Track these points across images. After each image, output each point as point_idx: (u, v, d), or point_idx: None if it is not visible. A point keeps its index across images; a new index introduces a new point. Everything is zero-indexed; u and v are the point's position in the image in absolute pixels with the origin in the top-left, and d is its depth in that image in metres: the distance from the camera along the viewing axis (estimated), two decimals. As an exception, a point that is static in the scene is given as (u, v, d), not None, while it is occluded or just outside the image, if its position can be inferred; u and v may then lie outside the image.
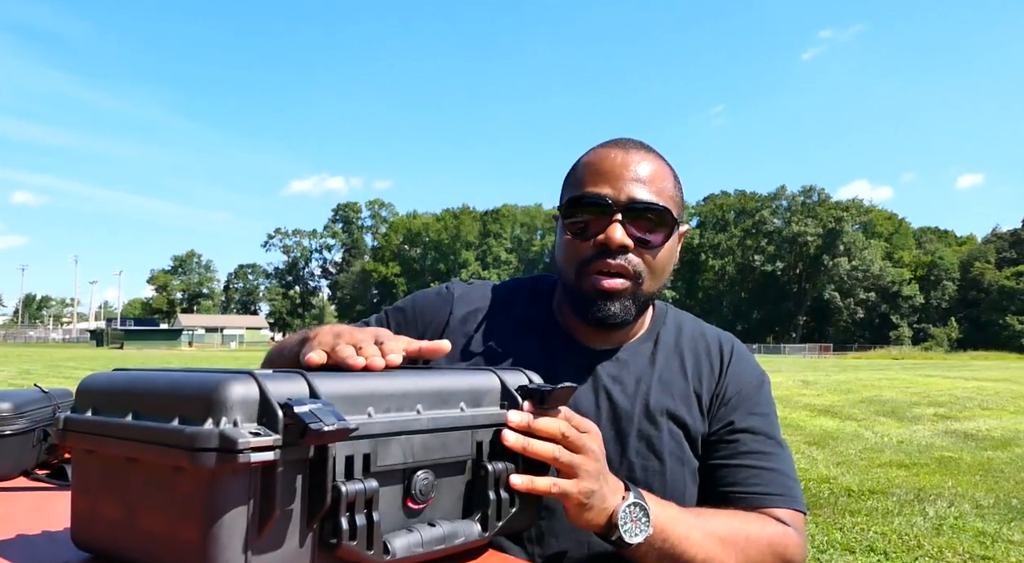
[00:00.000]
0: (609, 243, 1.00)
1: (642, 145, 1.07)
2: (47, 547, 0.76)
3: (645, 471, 1.02)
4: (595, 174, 1.03)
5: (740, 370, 1.11)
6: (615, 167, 1.02)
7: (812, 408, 10.46)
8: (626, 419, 1.04)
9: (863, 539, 4.09)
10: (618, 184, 1.01)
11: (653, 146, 1.09)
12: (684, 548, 0.89)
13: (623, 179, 1.01)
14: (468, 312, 1.12)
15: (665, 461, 1.02)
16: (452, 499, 0.75)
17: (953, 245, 79.43)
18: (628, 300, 1.02)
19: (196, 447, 0.56)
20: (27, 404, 1.18)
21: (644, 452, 1.03)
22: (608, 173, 1.02)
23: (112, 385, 0.69)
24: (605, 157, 1.04)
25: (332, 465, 0.61)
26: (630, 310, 1.03)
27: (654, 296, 1.08)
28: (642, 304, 1.05)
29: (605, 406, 1.05)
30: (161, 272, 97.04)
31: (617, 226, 1.00)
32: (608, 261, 1.00)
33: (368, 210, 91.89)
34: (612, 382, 1.06)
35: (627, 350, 1.10)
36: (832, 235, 68.27)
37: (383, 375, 0.71)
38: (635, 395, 1.06)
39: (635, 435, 1.03)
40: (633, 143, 1.07)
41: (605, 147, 1.07)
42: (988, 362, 36.88)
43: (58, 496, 1.06)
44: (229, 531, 0.57)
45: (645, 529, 0.85)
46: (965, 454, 6.89)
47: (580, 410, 1.02)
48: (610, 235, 0.99)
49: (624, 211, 1.00)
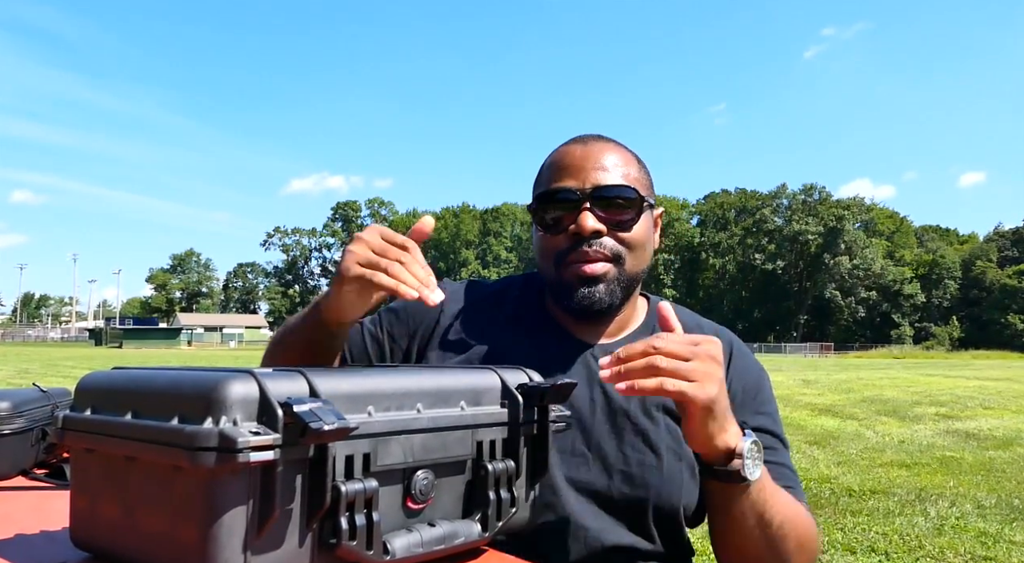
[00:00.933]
0: (582, 231, 1.02)
1: (601, 137, 1.10)
2: (46, 546, 0.76)
3: (641, 465, 1.02)
4: (559, 170, 1.07)
5: (742, 367, 1.11)
6: (576, 160, 1.06)
7: (813, 407, 10.45)
8: (621, 413, 1.04)
9: (864, 539, 4.09)
10: (581, 175, 1.04)
11: (615, 138, 1.11)
12: (771, 503, 0.91)
13: (585, 170, 1.05)
14: (459, 309, 1.13)
15: (662, 456, 1.02)
16: (452, 499, 0.74)
17: (955, 244, 79.45)
18: (612, 283, 1.04)
19: (195, 446, 0.56)
20: (25, 403, 1.18)
21: (640, 446, 1.03)
22: (571, 167, 1.06)
23: (111, 384, 0.69)
24: (566, 153, 1.08)
25: (332, 465, 0.61)
26: (615, 293, 1.04)
27: (638, 277, 1.09)
28: (627, 286, 1.06)
29: (600, 399, 1.05)
30: (160, 271, 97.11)
31: (587, 214, 1.02)
32: (585, 249, 1.03)
33: (368, 209, 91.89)
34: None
35: (623, 343, 1.09)
36: (833, 234, 68.24)
37: (383, 374, 0.71)
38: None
39: (631, 430, 1.03)
40: (593, 137, 1.10)
41: (566, 144, 1.10)
42: (990, 361, 36.88)
43: (57, 495, 1.06)
44: (228, 530, 0.57)
45: (759, 465, 0.86)
46: (967, 454, 6.88)
47: (575, 404, 1.03)
48: (581, 223, 1.02)
49: (591, 199, 1.03)
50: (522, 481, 0.79)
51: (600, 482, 1.01)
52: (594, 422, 1.03)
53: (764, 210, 72.62)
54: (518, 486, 0.78)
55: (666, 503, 1.02)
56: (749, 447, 0.85)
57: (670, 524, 1.03)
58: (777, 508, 0.92)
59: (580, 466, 1.01)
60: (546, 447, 0.80)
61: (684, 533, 1.06)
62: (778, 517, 0.92)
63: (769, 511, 0.91)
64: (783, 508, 0.93)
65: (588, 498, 1.01)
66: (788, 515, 0.94)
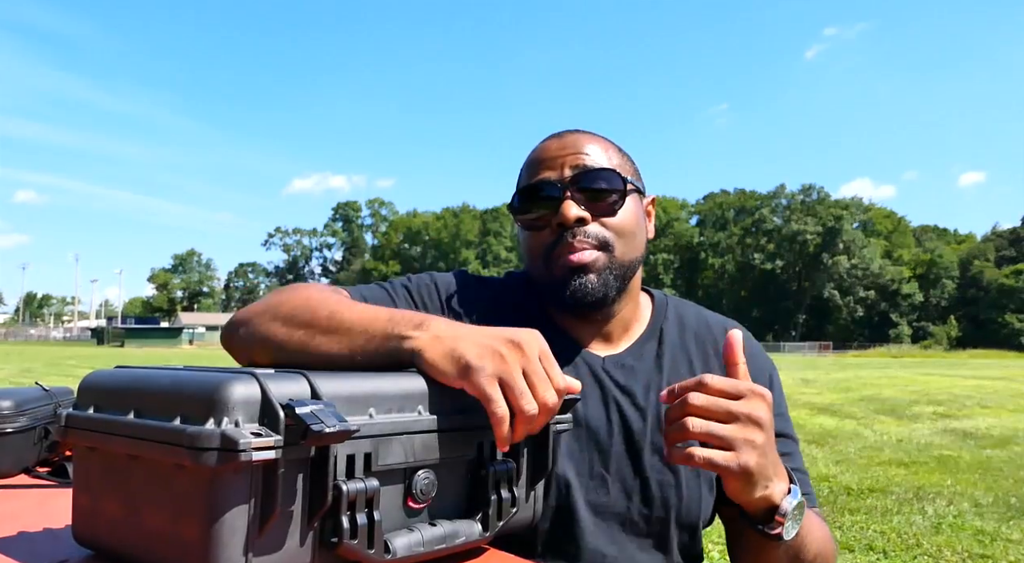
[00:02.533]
0: (565, 221, 0.98)
1: (578, 130, 1.07)
2: (49, 544, 0.76)
3: (660, 486, 0.99)
4: (536, 165, 1.04)
5: (752, 366, 1.09)
6: (553, 152, 1.03)
7: (811, 406, 10.45)
8: (639, 433, 1.01)
9: (862, 538, 4.10)
10: (557, 165, 1.01)
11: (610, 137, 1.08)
12: (806, 543, 0.89)
13: (563, 159, 1.01)
14: (459, 310, 1.06)
15: (680, 473, 1.00)
16: (453, 498, 0.74)
17: (952, 243, 79.38)
18: (604, 272, 0.99)
19: (198, 447, 0.56)
20: (28, 402, 1.18)
21: (659, 466, 1.00)
22: (548, 160, 1.02)
23: (114, 383, 0.69)
24: (543, 149, 1.05)
25: (333, 464, 0.61)
26: (609, 282, 0.99)
27: (632, 266, 1.03)
28: (620, 275, 1.01)
29: (616, 421, 1.01)
30: (161, 271, 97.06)
31: (568, 202, 0.98)
32: (570, 240, 0.98)
33: (368, 209, 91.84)
34: (621, 394, 1.03)
35: (631, 354, 1.06)
36: (831, 233, 68.23)
37: (384, 376, 0.71)
38: (646, 406, 1.03)
39: (648, 449, 1.00)
40: (569, 131, 1.07)
41: (542, 141, 1.07)
42: (987, 360, 36.86)
43: (59, 494, 1.06)
44: (230, 530, 0.57)
45: (798, 525, 0.83)
46: (964, 452, 6.89)
47: (591, 426, 1.00)
48: (564, 212, 0.98)
49: (571, 187, 0.99)
50: (523, 481, 0.79)
51: (619, 505, 0.99)
52: (611, 443, 1.00)
53: (763, 210, 72.57)
54: (519, 486, 0.78)
55: (685, 520, 1.00)
56: (794, 510, 0.81)
57: (689, 538, 1.03)
58: (811, 546, 0.89)
59: (599, 489, 0.99)
60: (548, 447, 0.80)
61: (700, 541, 1.06)
62: (811, 554, 0.89)
63: (803, 552, 0.88)
64: (816, 543, 0.91)
65: (608, 521, 0.99)
66: (820, 548, 0.91)
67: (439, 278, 1.10)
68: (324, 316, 0.80)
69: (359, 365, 0.76)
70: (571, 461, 0.99)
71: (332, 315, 0.80)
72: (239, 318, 0.90)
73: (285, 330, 0.82)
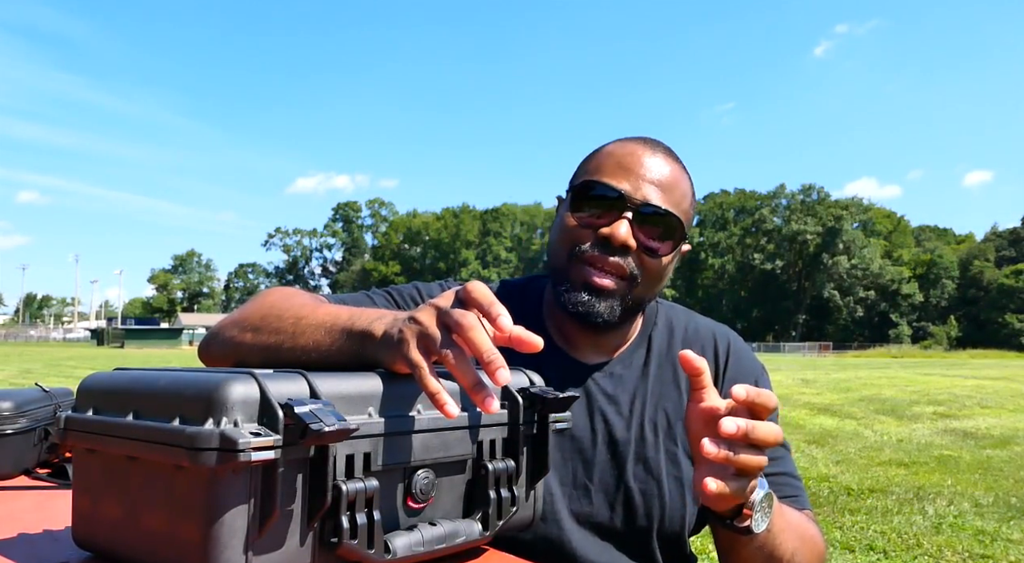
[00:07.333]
0: (612, 239, 0.95)
1: (670, 151, 1.03)
2: (48, 546, 0.76)
3: (643, 495, 1.00)
4: (615, 165, 0.98)
5: (739, 370, 1.09)
6: (637, 164, 0.98)
7: (811, 406, 10.45)
8: (623, 443, 1.01)
9: (863, 538, 4.10)
10: (636, 182, 0.96)
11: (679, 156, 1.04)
12: (780, 540, 0.87)
13: (642, 179, 0.97)
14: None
15: (663, 483, 1.00)
16: (453, 498, 0.74)
17: (952, 243, 79.45)
18: (616, 301, 0.97)
19: (197, 448, 0.56)
20: (28, 403, 1.18)
21: (642, 476, 1.00)
22: (629, 168, 0.97)
23: (113, 384, 0.69)
24: (630, 152, 0.99)
25: (333, 464, 0.61)
26: (615, 312, 0.98)
27: (643, 304, 1.03)
28: (629, 308, 1.00)
29: (601, 429, 1.01)
30: (161, 271, 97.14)
31: (624, 223, 0.95)
32: (606, 257, 0.96)
33: (368, 209, 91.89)
34: (607, 402, 1.03)
35: (620, 362, 1.06)
36: (831, 233, 68.26)
37: (383, 376, 0.71)
38: (630, 416, 1.03)
39: (632, 459, 1.01)
40: (662, 147, 1.02)
41: (632, 141, 1.02)
42: (987, 360, 36.87)
43: (59, 495, 1.06)
44: (230, 530, 0.57)
45: (767, 517, 0.82)
46: (964, 453, 6.89)
47: (575, 435, 1.00)
48: (615, 231, 0.95)
49: (635, 211, 0.96)
50: (523, 480, 0.79)
51: (603, 514, 0.99)
52: (595, 453, 1.01)
53: (763, 210, 72.62)
54: (519, 485, 0.78)
55: (669, 529, 1.01)
56: (760, 502, 0.80)
57: (674, 546, 1.03)
58: (787, 544, 0.88)
59: (582, 498, 0.99)
60: (547, 446, 0.80)
61: (686, 547, 1.05)
62: (788, 552, 0.88)
63: (778, 549, 0.87)
64: (792, 540, 0.90)
65: (591, 531, 0.99)
66: (797, 545, 0.90)
67: (423, 287, 1.10)
68: (290, 320, 0.80)
69: (329, 365, 0.74)
70: (555, 470, 0.99)
71: (299, 320, 0.80)
72: (212, 331, 0.90)
73: (253, 336, 0.82)
